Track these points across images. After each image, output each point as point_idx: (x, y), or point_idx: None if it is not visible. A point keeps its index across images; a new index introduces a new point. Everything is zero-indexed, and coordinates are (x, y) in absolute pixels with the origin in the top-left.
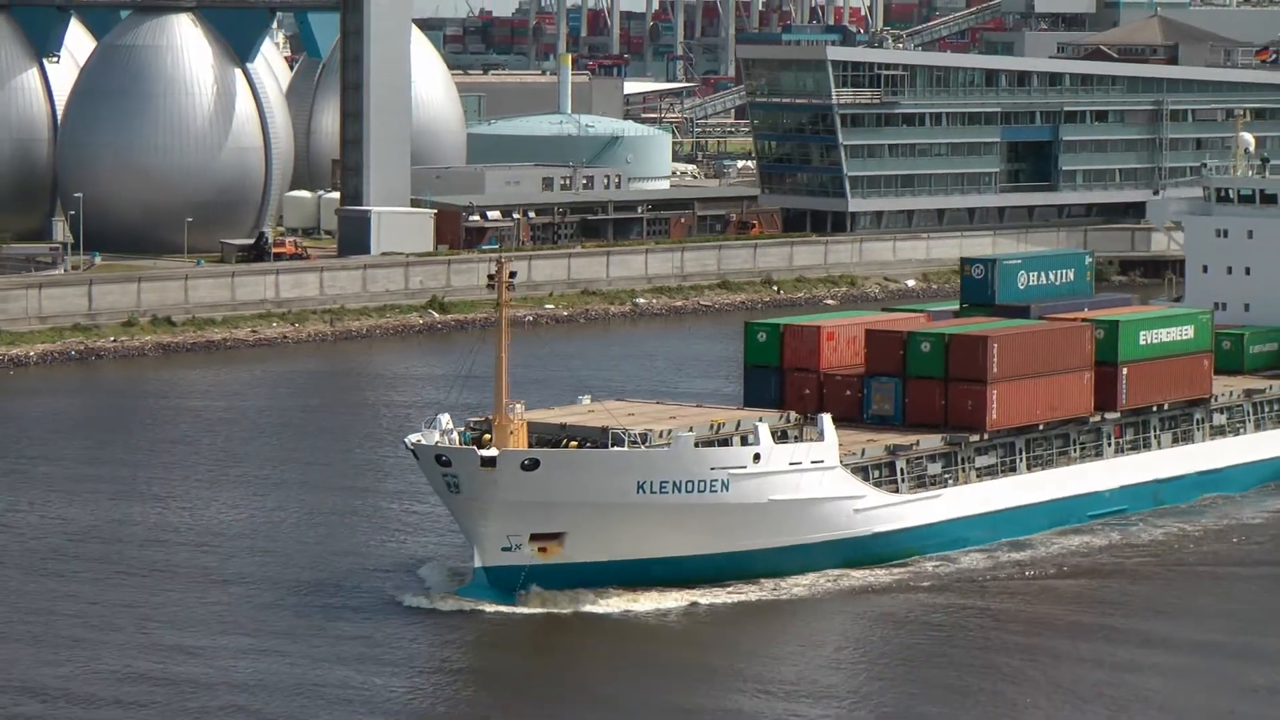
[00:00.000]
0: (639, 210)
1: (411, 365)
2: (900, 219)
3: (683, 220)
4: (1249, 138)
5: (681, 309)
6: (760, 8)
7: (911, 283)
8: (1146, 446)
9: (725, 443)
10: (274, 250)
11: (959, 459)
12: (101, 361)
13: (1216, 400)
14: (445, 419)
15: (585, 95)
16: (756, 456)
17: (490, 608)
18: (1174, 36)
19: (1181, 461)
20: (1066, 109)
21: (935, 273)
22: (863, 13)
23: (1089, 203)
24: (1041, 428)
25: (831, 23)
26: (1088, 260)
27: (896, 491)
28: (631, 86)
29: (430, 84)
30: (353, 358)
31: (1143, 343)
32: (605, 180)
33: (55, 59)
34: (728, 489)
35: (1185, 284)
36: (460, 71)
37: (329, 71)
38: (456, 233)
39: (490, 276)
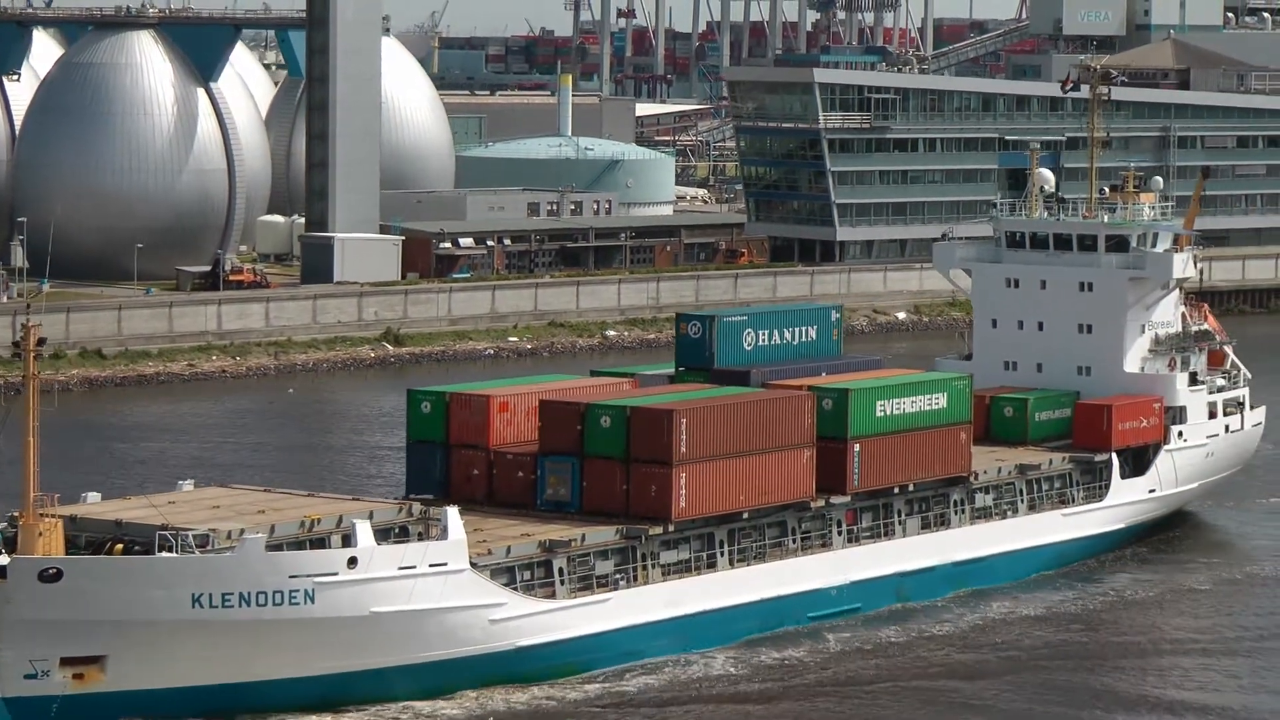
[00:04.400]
0: (621, 238)
1: (351, 402)
2: (893, 248)
3: (668, 248)
4: (1047, 174)
5: (654, 342)
6: (808, 29)
7: (902, 315)
8: (888, 534)
9: (321, 543)
10: (232, 278)
11: (638, 555)
12: (20, 398)
13: (979, 478)
14: None
15: (596, 117)
16: (353, 561)
17: None
18: (1186, 60)
19: (932, 551)
20: (1068, 135)
21: (928, 305)
22: (912, 34)
23: None
24: (747, 516)
25: (881, 44)
26: (834, 315)
27: (553, 596)
28: (645, 109)
29: (417, 105)
30: (290, 393)
31: (880, 414)
32: (595, 206)
33: (15, 76)
34: (313, 600)
35: (973, 340)
36: (468, 92)
37: None
38: (427, 260)
39: (16, 343)
